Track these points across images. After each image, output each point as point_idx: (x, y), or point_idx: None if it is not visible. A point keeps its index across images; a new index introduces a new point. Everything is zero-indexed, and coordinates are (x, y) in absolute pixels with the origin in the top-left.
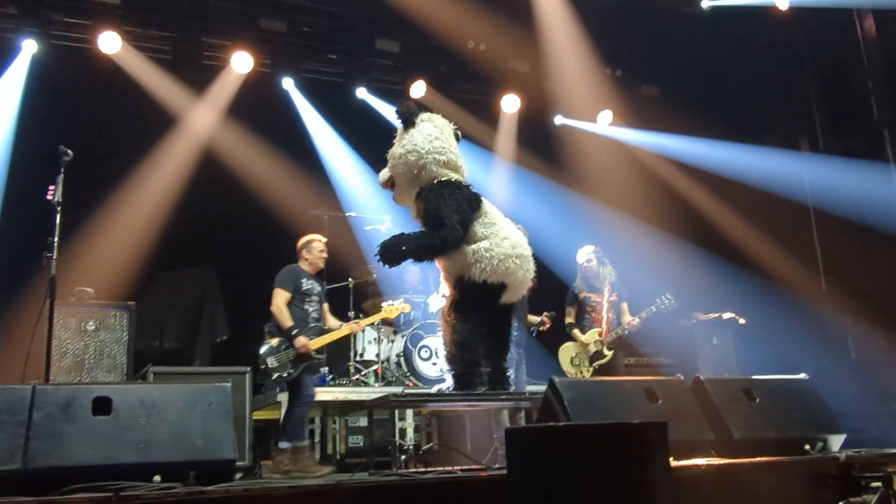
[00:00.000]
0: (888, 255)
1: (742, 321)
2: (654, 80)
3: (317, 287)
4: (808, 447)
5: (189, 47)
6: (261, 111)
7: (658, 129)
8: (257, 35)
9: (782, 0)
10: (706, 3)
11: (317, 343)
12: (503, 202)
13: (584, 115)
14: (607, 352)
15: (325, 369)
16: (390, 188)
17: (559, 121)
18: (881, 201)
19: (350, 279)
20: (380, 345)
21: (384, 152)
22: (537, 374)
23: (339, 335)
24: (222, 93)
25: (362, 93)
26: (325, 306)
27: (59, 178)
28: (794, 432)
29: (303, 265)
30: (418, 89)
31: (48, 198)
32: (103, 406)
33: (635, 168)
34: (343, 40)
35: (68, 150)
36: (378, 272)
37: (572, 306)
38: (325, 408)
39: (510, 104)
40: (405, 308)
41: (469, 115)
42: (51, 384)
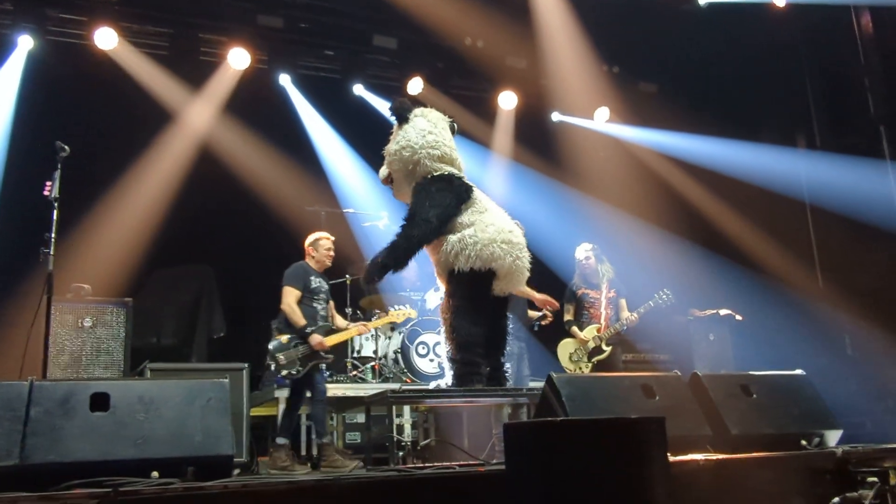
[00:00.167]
0: (885, 252)
1: (739, 318)
2: (652, 77)
3: (324, 285)
4: (804, 442)
5: (186, 43)
6: (258, 108)
7: (655, 126)
8: (254, 31)
9: None
10: (703, 0)
11: (329, 341)
12: (500, 199)
13: (582, 111)
14: (606, 347)
15: (322, 366)
16: (390, 184)
17: (556, 117)
18: (878, 198)
19: (347, 276)
20: (377, 341)
21: (381, 149)
22: (536, 370)
23: (348, 336)
24: (219, 89)
25: (359, 89)
26: (331, 304)
27: (56, 174)
28: (791, 428)
29: (310, 263)
30: (415, 86)
31: (45, 194)
32: (101, 402)
33: (632, 165)
34: (340, 36)
35: (65, 146)
36: None
37: (570, 303)
38: None
39: (507, 101)
40: (412, 313)
41: (466, 111)
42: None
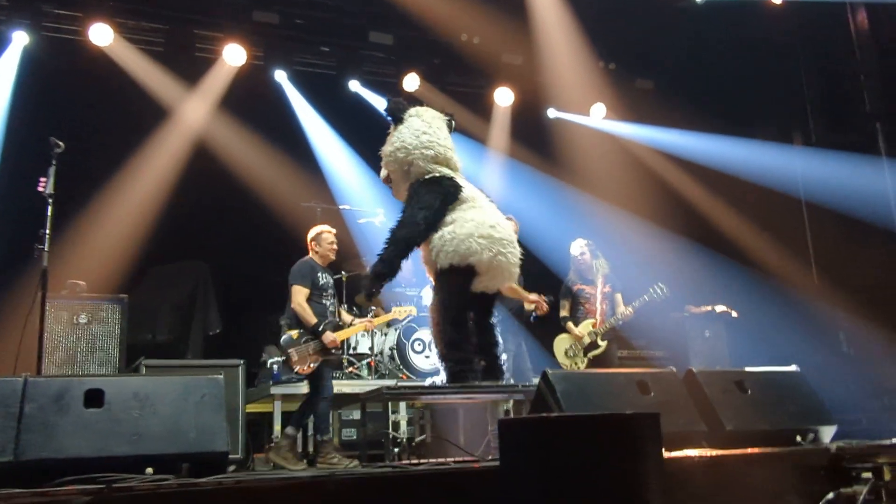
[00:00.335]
0: (880, 249)
1: (734, 314)
2: (648, 74)
3: (331, 280)
4: (799, 439)
5: (181, 39)
6: (253, 104)
7: (651, 123)
8: (250, 27)
9: None
10: None
11: (339, 337)
12: (496, 195)
13: (578, 108)
14: (601, 343)
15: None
16: (390, 184)
17: (552, 114)
18: (873, 195)
19: (343, 272)
20: (373, 338)
21: (377, 145)
22: (532, 366)
23: (355, 331)
24: (215, 85)
25: (355, 85)
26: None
27: (51, 170)
28: (786, 424)
29: (314, 258)
30: (411, 82)
31: (39, 190)
32: (95, 398)
33: (628, 161)
34: (336, 33)
35: (60, 142)
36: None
37: (566, 299)
38: None
39: (503, 97)
40: (412, 310)
41: (462, 108)
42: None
